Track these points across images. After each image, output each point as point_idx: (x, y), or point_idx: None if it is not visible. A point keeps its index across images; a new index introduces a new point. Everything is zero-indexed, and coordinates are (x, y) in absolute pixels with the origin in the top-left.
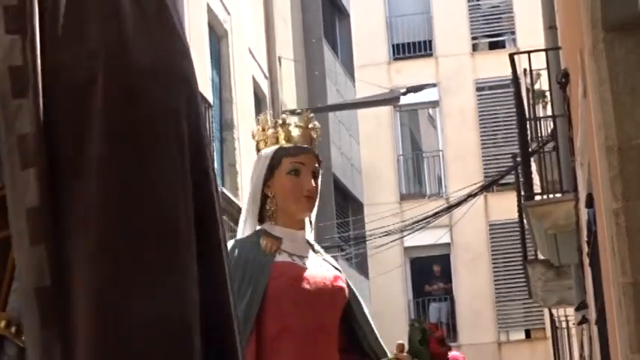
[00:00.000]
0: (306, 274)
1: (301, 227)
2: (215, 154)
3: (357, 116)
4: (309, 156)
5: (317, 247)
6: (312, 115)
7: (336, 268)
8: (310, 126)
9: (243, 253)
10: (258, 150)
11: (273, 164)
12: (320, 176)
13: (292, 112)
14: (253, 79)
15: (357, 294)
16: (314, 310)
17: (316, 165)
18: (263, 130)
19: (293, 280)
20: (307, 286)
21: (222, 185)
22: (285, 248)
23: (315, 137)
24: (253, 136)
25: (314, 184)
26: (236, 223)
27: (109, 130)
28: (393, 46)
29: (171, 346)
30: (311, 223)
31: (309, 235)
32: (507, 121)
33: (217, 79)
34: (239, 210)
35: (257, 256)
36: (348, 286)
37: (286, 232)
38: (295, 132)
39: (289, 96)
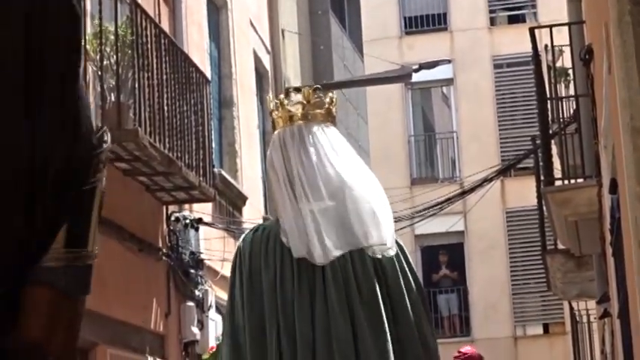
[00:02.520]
0: None
1: None
2: (213, 133)
3: (366, 94)
4: None
5: None
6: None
7: None
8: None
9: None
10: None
11: None
12: None
13: (296, 90)
14: (254, 53)
15: None
16: None
17: None
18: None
19: None
20: None
21: (221, 167)
22: None
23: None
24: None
25: None
26: (234, 207)
27: None
28: (404, 19)
29: None
30: None
31: None
32: (526, 100)
33: (216, 53)
34: (238, 194)
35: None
36: None
37: None
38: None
39: (293, 72)
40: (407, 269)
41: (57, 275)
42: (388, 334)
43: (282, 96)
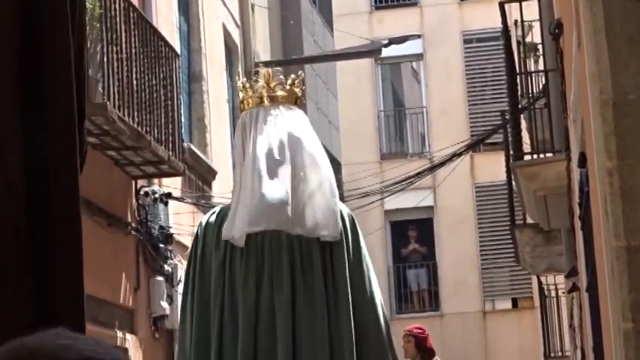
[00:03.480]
0: None
1: None
2: (182, 107)
3: (336, 69)
4: None
5: None
6: (299, 76)
7: None
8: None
9: None
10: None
11: None
12: None
13: (266, 64)
14: (224, 27)
15: None
16: None
17: None
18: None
19: None
20: None
21: (190, 141)
22: None
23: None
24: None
25: None
26: (204, 181)
27: None
28: None
29: None
30: None
31: None
32: (496, 75)
33: (185, 28)
34: (208, 168)
35: None
36: None
37: None
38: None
39: (262, 46)
40: (352, 254)
41: None
42: (326, 319)
43: (244, 79)
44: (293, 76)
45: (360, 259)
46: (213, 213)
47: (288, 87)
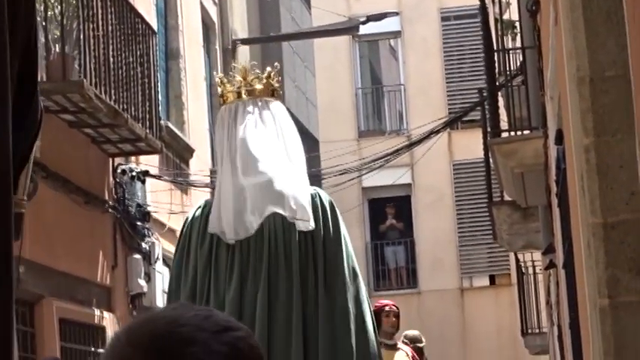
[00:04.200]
0: None
1: None
2: (159, 85)
3: (313, 47)
4: None
5: None
6: (275, 68)
7: None
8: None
9: None
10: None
11: None
12: None
13: (243, 42)
14: (201, 4)
15: None
16: None
17: None
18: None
19: None
20: None
21: (167, 119)
22: None
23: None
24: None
25: None
26: (181, 159)
27: None
28: None
29: None
30: None
31: None
32: (474, 53)
33: (162, 4)
34: (186, 146)
35: None
36: None
37: None
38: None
39: (240, 24)
40: (333, 240)
41: None
42: (301, 307)
43: (221, 74)
44: (269, 69)
45: (339, 244)
46: (199, 207)
47: (264, 80)
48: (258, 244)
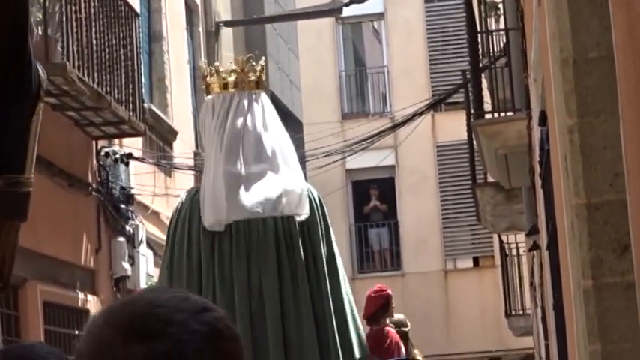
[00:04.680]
0: None
1: None
2: (142, 67)
3: (297, 29)
4: None
5: None
6: (260, 61)
7: None
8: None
9: None
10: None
11: None
12: None
13: (226, 24)
14: None
15: None
16: None
17: None
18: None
19: None
20: None
21: (151, 101)
22: None
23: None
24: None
25: None
26: (165, 142)
27: None
28: None
29: None
30: None
31: None
32: (457, 34)
33: None
34: (169, 129)
35: None
36: None
37: None
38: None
39: (223, 6)
40: (324, 233)
41: None
42: (308, 292)
43: (217, 63)
44: (261, 62)
45: (330, 238)
46: (191, 194)
47: (258, 73)
48: (261, 235)
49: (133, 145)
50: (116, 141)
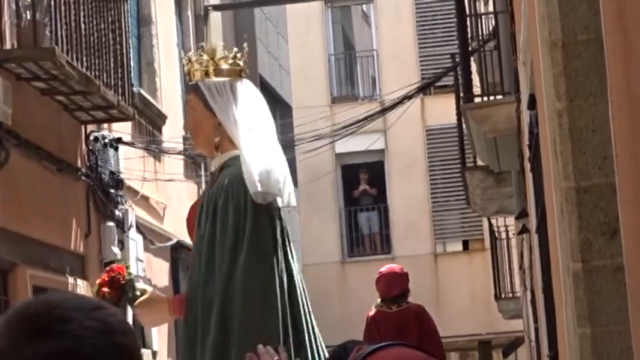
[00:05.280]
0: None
1: (214, 151)
2: (131, 51)
3: (286, 12)
4: (189, 94)
5: (228, 166)
6: (244, 50)
7: (219, 186)
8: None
9: None
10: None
11: None
12: (197, 104)
13: (215, 8)
14: None
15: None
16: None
17: (188, 100)
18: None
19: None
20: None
21: (140, 86)
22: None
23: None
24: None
25: (185, 121)
26: (154, 126)
27: None
28: None
29: None
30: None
31: (224, 156)
32: (446, 18)
33: None
34: (158, 113)
35: None
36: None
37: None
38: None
39: None
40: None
41: None
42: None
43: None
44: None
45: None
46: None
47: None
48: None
49: (122, 129)
50: (105, 125)
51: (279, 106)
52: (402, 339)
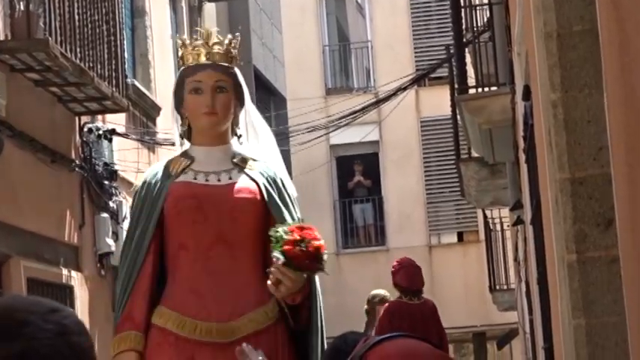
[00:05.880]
0: (204, 190)
1: (221, 142)
2: (125, 43)
3: (280, 3)
4: (207, 72)
5: (252, 159)
6: (237, 37)
7: (268, 178)
8: (227, 42)
9: (147, 180)
10: (184, 63)
11: (179, 86)
12: (230, 87)
13: None
14: None
15: (279, 199)
16: (207, 225)
17: (218, 80)
18: (184, 45)
19: (185, 199)
20: (200, 202)
21: (134, 77)
22: (193, 167)
23: (235, 54)
24: (179, 49)
25: (212, 100)
26: (148, 117)
27: None
28: None
29: None
30: (237, 136)
31: (243, 147)
32: (441, 9)
33: None
34: (152, 105)
35: (158, 180)
36: (268, 194)
37: (200, 150)
38: (215, 49)
39: None
40: None
41: None
42: None
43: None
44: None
45: None
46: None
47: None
48: None
49: (116, 120)
50: (99, 117)
51: (274, 98)
52: (426, 331)
